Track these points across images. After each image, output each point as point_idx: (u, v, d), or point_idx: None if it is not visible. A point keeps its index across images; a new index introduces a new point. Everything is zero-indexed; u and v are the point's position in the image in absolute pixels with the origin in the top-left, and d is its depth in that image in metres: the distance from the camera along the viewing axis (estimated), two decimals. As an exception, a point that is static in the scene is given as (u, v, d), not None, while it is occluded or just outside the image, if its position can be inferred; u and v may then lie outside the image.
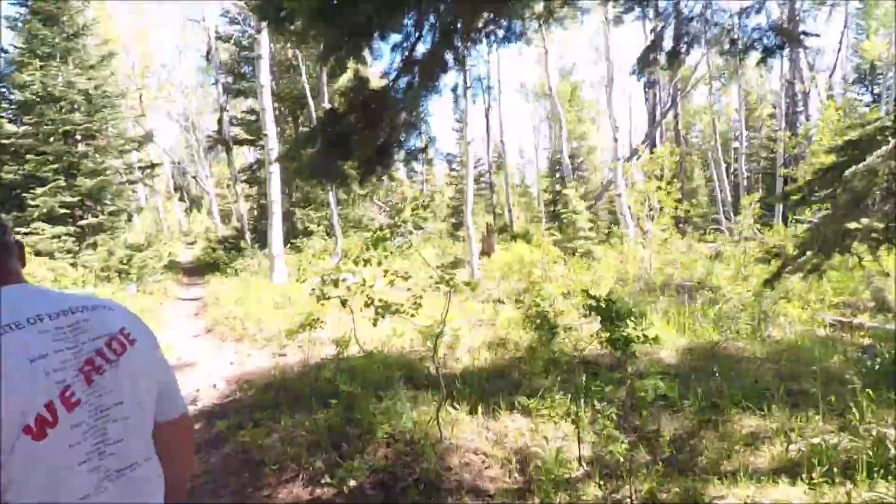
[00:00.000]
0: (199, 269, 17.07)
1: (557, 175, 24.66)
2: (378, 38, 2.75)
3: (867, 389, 3.46)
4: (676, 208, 10.75)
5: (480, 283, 11.39)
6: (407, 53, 3.02)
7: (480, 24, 3.79)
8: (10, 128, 12.27)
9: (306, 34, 2.74)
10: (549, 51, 20.02)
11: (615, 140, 15.25)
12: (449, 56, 3.17)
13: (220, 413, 5.06)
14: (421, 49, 3.15)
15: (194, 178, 27.64)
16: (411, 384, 5.08)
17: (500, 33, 3.98)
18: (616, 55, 15.24)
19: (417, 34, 2.96)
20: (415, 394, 4.71)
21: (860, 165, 3.99)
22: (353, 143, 2.90)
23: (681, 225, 18.47)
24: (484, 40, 4.13)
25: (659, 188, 10.45)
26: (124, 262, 12.20)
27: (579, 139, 29.77)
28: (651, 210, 10.90)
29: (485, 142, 25.79)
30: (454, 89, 3.89)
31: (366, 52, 2.95)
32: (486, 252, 14.78)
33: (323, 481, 3.43)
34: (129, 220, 17.25)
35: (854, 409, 3.37)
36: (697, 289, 8.57)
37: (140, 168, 17.06)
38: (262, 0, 2.85)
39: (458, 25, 3.54)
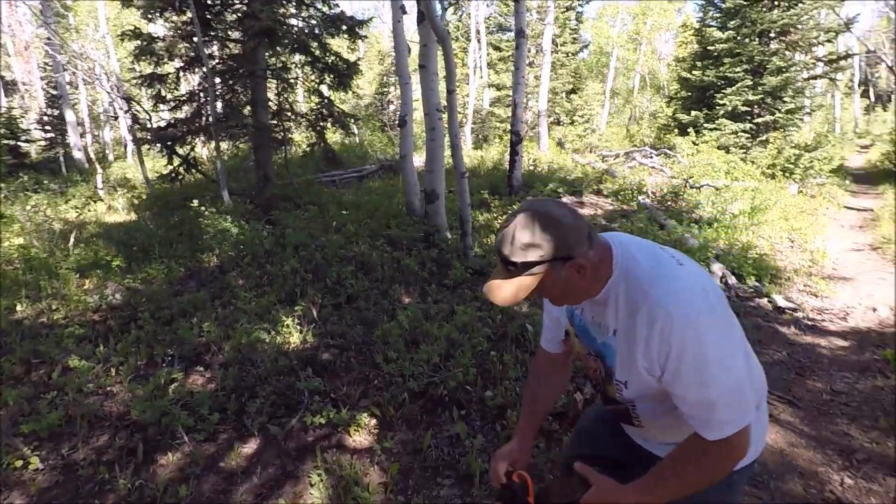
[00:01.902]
0: (873, 178, 14.50)
1: None
2: None
3: None
4: None
5: None
6: None
7: None
8: (717, 34, 13.56)
9: None
10: None
11: None
12: None
13: (878, 340, 4.42)
14: None
15: (891, 68, 22.57)
16: None
17: None
18: None
19: None
20: None
21: None
22: None
23: None
24: None
25: None
26: (791, 161, 11.88)
27: None
28: None
29: None
30: None
31: None
32: None
33: None
34: (802, 119, 16.29)
35: None
36: None
37: (827, 61, 15.50)
38: None
39: None
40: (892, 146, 16.25)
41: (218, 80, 9.21)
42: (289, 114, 10.06)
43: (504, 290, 1.16)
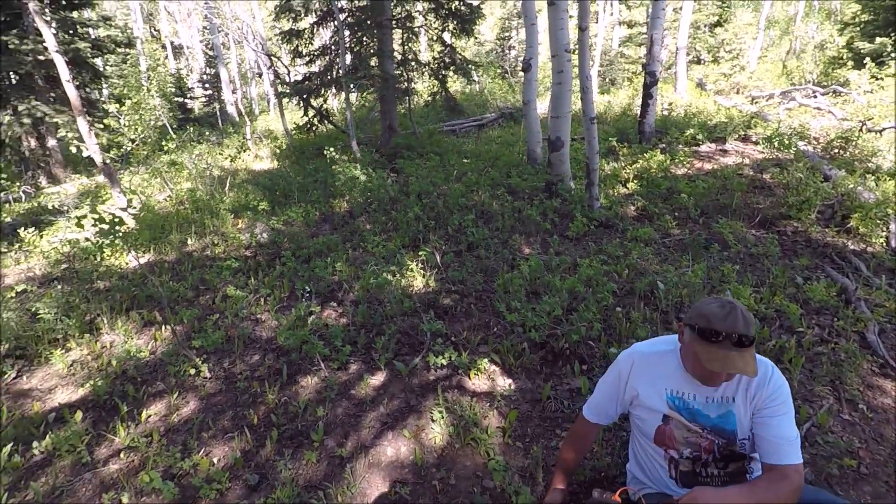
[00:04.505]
0: None
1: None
2: None
3: None
4: None
5: None
6: None
7: None
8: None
9: None
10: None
11: None
12: None
13: None
14: None
15: None
16: None
17: None
18: None
19: None
20: None
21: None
22: None
23: None
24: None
25: None
26: None
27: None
28: None
29: None
30: None
31: None
32: None
33: None
34: None
35: None
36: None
37: None
38: None
39: None
40: None
41: (347, 32, 9.50)
42: (413, 63, 10.13)
43: (754, 364, 1.44)
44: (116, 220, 3.32)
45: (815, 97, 10.74)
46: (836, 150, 7.32)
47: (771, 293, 3.75)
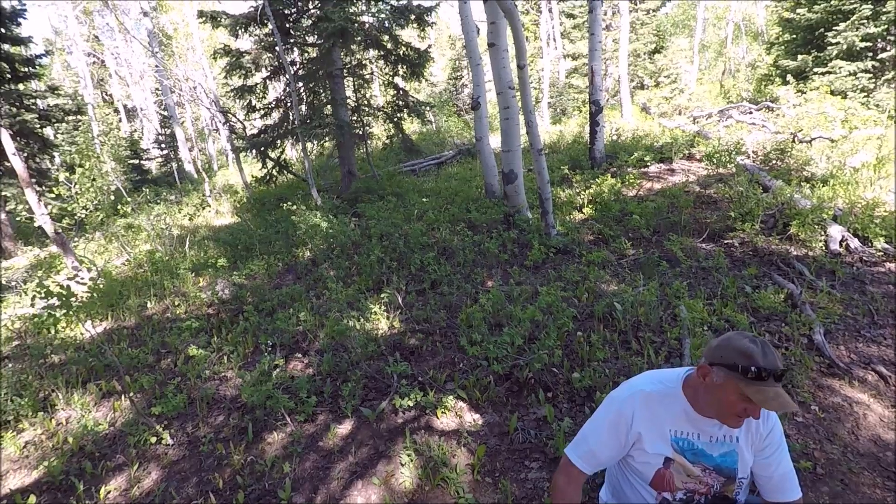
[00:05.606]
0: None
1: None
2: None
3: None
4: None
5: None
6: None
7: None
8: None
9: None
10: None
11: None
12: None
13: None
14: None
15: None
16: None
17: None
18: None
19: None
20: None
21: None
22: None
23: None
24: None
25: None
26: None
27: None
28: None
29: None
30: None
31: None
32: None
33: None
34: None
35: None
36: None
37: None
38: None
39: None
40: None
41: (300, 84, 9.69)
42: (367, 109, 10.37)
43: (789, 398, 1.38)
44: (64, 291, 3.24)
45: (751, 113, 11.41)
46: (774, 162, 7.76)
47: (722, 304, 3.90)
